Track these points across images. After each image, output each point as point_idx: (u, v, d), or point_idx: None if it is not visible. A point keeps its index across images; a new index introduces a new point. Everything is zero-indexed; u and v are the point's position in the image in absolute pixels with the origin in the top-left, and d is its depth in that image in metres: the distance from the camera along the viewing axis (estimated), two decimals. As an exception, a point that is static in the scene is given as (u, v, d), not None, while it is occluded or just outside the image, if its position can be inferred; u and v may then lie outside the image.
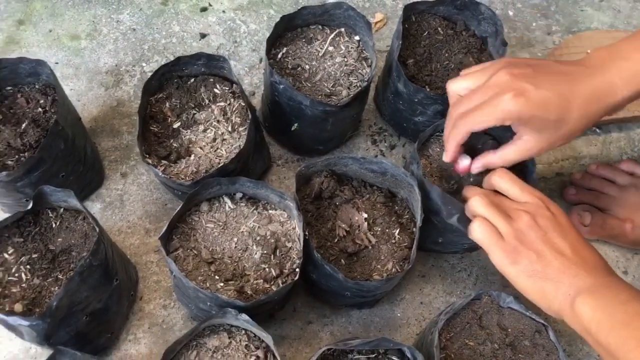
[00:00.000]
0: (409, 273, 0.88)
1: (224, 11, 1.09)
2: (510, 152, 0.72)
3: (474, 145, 0.81)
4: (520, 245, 0.65)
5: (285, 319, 0.85)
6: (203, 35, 1.06)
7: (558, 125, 0.68)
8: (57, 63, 1.01)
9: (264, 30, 1.07)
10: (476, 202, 0.70)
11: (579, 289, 0.62)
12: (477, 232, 0.68)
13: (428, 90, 0.85)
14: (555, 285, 0.63)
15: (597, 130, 1.02)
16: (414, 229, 0.80)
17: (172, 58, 0.82)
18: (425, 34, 0.92)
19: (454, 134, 0.71)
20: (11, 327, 0.71)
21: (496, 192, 0.72)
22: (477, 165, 0.75)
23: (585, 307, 0.60)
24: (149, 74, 0.88)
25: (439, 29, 0.92)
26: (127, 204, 0.91)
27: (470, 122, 0.69)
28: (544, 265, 0.64)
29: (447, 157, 0.75)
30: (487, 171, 0.74)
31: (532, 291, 0.65)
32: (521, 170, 0.79)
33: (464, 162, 0.75)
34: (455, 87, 0.74)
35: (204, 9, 1.08)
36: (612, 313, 0.59)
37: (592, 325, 0.60)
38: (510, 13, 1.13)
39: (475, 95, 0.70)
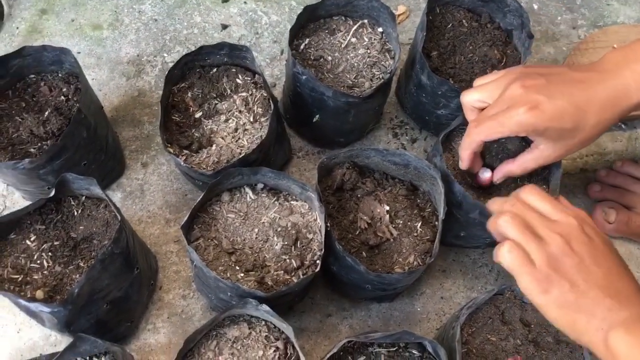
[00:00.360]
0: (429, 267, 0.87)
1: (245, 2, 1.08)
2: (528, 161, 0.72)
3: (497, 150, 0.80)
4: (554, 274, 0.58)
5: (305, 312, 0.85)
6: (224, 26, 1.05)
7: (574, 133, 0.67)
8: (79, 53, 1.01)
9: (285, 22, 1.07)
10: (506, 224, 0.62)
11: (613, 323, 0.56)
12: (506, 258, 0.61)
13: (452, 82, 0.84)
14: (587, 318, 0.57)
15: (623, 126, 1.00)
16: (436, 223, 0.79)
17: (193, 49, 0.82)
18: (449, 26, 0.91)
19: (468, 142, 0.71)
20: (32, 314, 0.71)
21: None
22: (498, 176, 0.75)
23: (621, 344, 0.55)
24: (170, 65, 0.88)
25: (464, 21, 0.91)
26: (147, 193, 0.91)
27: (484, 130, 0.68)
28: (577, 296, 0.58)
29: (462, 165, 0.75)
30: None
31: (562, 322, 0.59)
32: (546, 167, 0.78)
33: (485, 175, 0.76)
34: (469, 98, 0.73)
35: (225, 0, 1.08)
36: None
37: None
38: (535, 6, 1.11)
39: (490, 110, 0.69)
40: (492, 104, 0.69)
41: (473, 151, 0.72)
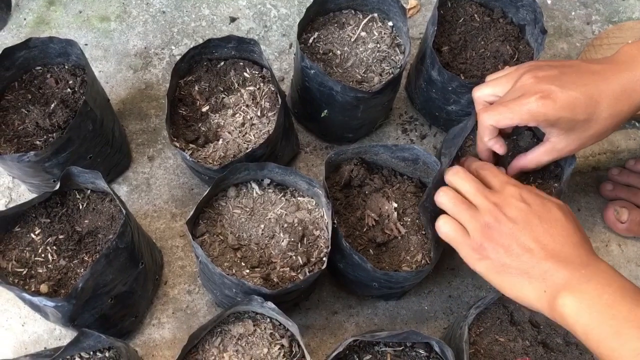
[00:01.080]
0: (437, 266, 0.86)
1: (254, -5, 1.07)
2: (540, 154, 0.71)
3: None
4: (487, 241, 0.61)
5: (310, 309, 0.84)
6: (233, 19, 1.04)
7: (587, 125, 0.66)
8: (86, 44, 1.00)
9: (294, 15, 1.05)
10: (441, 197, 0.66)
11: (555, 285, 0.57)
12: (441, 230, 0.65)
13: (463, 78, 0.83)
14: (527, 280, 0.59)
15: (637, 124, 0.99)
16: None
17: (201, 41, 0.81)
18: (460, 21, 0.89)
19: (481, 131, 0.70)
20: (37, 308, 0.71)
21: None
22: (512, 172, 0.74)
23: (566, 308, 0.56)
24: (178, 57, 0.87)
25: (475, 15, 0.90)
26: (153, 187, 0.90)
27: (493, 116, 0.67)
28: (513, 260, 0.60)
29: (478, 149, 0.74)
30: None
31: (505, 288, 0.61)
32: (558, 163, 0.77)
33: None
34: (481, 93, 0.72)
35: (234, -7, 1.07)
36: (599, 320, 0.54)
37: (578, 329, 0.55)
38: (549, 1, 1.09)
39: (501, 100, 0.68)
40: (504, 95, 0.68)
41: (488, 139, 0.70)
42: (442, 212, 0.66)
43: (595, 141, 0.69)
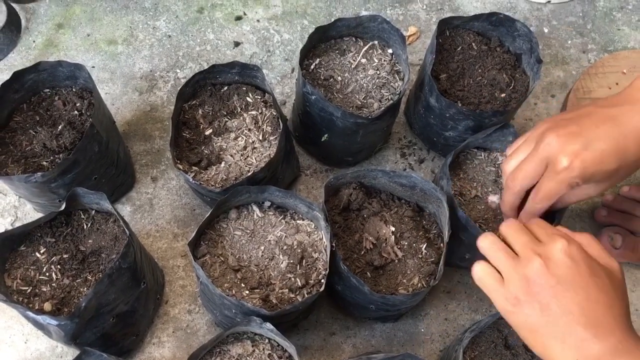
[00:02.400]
0: (434, 289, 0.88)
1: (258, 20, 1.10)
2: (571, 198, 0.70)
3: None
4: (523, 295, 0.57)
5: (309, 330, 0.85)
6: (237, 44, 1.07)
7: (617, 171, 0.65)
8: (93, 67, 1.03)
9: (297, 41, 1.08)
10: (482, 240, 0.63)
11: (589, 357, 0.54)
12: (477, 274, 0.62)
13: (460, 105, 0.85)
14: (560, 346, 0.56)
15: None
16: (441, 245, 0.79)
17: (205, 65, 0.83)
18: (459, 49, 0.92)
19: (508, 198, 0.71)
20: (40, 326, 0.72)
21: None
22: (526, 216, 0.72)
23: None
24: (183, 81, 0.89)
25: (473, 44, 0.92)
26: (156, 208, 0.92)
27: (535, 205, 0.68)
28: (549, 321, 0.56)
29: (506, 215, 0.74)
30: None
31: (534, 346, 0.58)
32: None
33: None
34: (510, 166, 0.70)
35: (238, 18, 1.09)
36: None
37: None
38: (546, 30, 1.12)
39: (526, 165, 0.67)
40: (528, 158, 0.67)
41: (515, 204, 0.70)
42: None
43: (624, 179, 0.68)
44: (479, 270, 0.62)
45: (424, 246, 0.79)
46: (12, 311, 0.83)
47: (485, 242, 0.62)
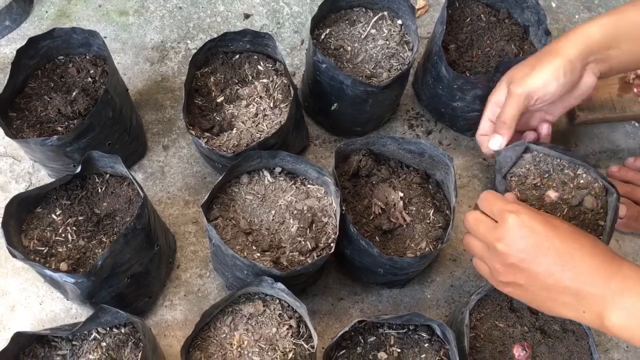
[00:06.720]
0: (440, 256, 0.89)
1: (267, -7, 1.11)
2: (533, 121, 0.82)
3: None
4: (506, 276, 0.63)
5: (317, 295, 0.87)
6: (247, 16, 1.08)
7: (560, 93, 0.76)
8: (105, 37, 1.04)
9: (306, 13, 1.09)
10: (466, 246, 0.69)
11: (592, 306, 0.58)
12: (476, 268, 0.69)
13: (468, 75, 0.86)
14: (561, 304, 0.60)
15: (637, 124, 1.01)
16: (448, 212, 0.81)
17: (216, 36, 0.84)
18: (467, 20, 0.92)
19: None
20: (56, 284, 0.74)
21: None
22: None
23: (615, 327, 0.57)
24: (193, 51, 0.90)
25: (482, 15, 0.93)
26: (167, 175, 0.93)
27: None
28: (539, 288, 0.61)
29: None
30: None
31: (542, 309, 0.63)
32: None
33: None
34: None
35: (248, -10, 1.10)
36: None
37: (636, 339, 0.57)
38: (554, 4, 1.12)
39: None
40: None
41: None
42: None
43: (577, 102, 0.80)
44: (475, 264, 0.69)
45: (432, 212, 0.80)
46: (27, 273, 0.85)
47: (466, 245, 0.69)
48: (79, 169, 0.76)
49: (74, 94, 0.84)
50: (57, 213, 0.77)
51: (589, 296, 0.58)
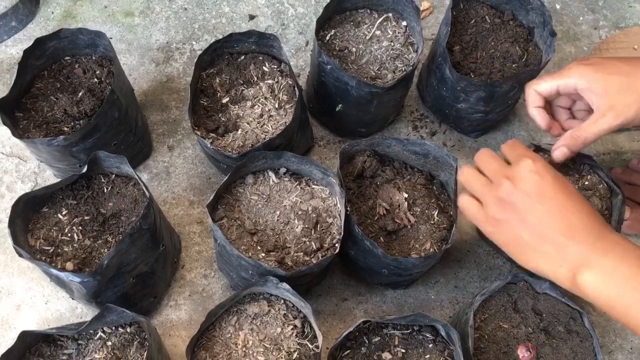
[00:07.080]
0: (444, 257, 0.89)
1: (272, -6, 1.11)
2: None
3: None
4: (501, 213, 0.63)
5: (321, 295, 0.87)
6: (252, 17, 1.08)
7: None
8: (111, 38, 1.04)
9: (311, 14, 1.09)
10: (460, 175, 0.70)
11: (572, 261, 0.60)
12: (460, 204, 0.69)
13: (473, 77, 0.86)
14: (544, 255, 0.61)
15: (641, 126, 1.02)
16: (452, 213, 0.81)
17: (221, 37, 0.85)
18: (472, 22, 0.93)
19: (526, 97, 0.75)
20: (62, 284, 0.75)
21: None
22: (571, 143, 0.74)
23: (587, 284, 0.58)
24: (199, 52, 0.90)
25: (487, 17, 0.93)
26: (172, 176, 0.94)
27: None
28: (527, 232, 0.62)
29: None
30: None
31: (521, 260, 0.64)
32: None
33: None
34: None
35: (253, -8, 1.11)
36: (620, 292, 0.57)
37: (602, 302, 0.58)
38: (558, 6, 1.13)
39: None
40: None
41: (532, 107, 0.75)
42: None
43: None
44: (461, 201, 0.69)
45: (436, 213, 0.81)
46: (32, 273, 0.86)
47: (462, 177, 0.69)
48: (85, 169, 0.76)
49: (80, 94, 0.85)
50: (63, 213, 0.78)
51: (572, 249, 0.60)
